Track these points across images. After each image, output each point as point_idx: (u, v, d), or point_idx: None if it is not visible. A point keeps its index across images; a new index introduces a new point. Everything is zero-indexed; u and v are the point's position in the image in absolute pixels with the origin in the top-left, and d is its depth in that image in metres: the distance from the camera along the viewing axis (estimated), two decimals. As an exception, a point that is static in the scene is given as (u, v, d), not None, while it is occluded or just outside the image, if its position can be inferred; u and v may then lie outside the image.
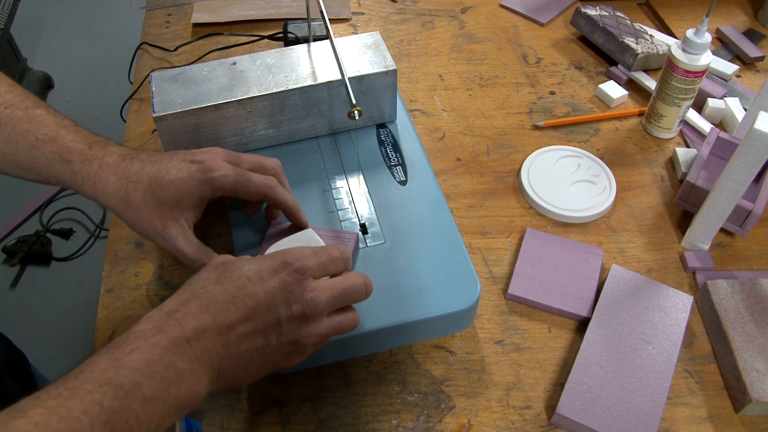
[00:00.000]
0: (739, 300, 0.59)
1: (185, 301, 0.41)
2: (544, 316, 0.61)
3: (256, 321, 0.42)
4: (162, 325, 0.39)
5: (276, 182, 0.55)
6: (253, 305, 0.42)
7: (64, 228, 1.69)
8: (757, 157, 0.56)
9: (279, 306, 0.42)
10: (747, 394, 0.53)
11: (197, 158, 0.52)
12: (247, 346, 0.42)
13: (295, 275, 0.43)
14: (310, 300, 0.43)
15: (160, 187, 0.50)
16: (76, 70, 2.15)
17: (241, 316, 0.41)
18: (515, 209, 0.71)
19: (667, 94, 0.74)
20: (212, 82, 0.62)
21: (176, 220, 0.51)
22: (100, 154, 0.52)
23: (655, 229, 0.69)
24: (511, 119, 0.81)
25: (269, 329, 0.42)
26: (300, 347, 0.44)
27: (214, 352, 0.40)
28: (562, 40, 0.93)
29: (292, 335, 0.43)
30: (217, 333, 0.40)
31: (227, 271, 0.43)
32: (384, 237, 0.58)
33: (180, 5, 0.98)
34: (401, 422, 0.54)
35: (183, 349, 0.39)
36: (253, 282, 0.42)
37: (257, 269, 0.43)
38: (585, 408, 0.53)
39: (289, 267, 0.44)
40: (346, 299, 0.46)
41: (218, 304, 0.41)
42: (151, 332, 0.38)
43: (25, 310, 1.54)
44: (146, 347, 0.37)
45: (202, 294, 0.41)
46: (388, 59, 0.65)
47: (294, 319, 0.43)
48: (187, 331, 0.39)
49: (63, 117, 0.54)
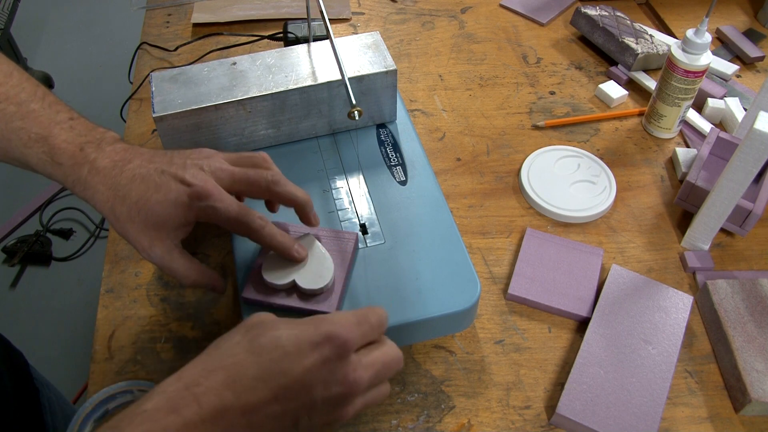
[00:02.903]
0: (739, 300, 0.59)
1: (209, 371, 0.36)
2: (544, 316, 0.61)
3: (288, 402, 0.37)
4: (176, 403, 0.34)
5: (280, 175, 0.51)
6: (286, 384, 0.37)
7: (64, 228, 1.69)
8: (757, 157, 0.56)
9: (317, 386, 0.37)
10: (747, 394, 0.53)
11: (188, 178, 0.48)
12: (272, 427, 0.37)
13: (339, 352, 0.38)
14: (353, 382, 0.38)
15: (146, 207, 0.47)
16: (76, 70, 2.15)
17: (272, 396, 0.36)
18: (515, 209, 0.71)
19: (667, 94, 0.75)
20: (212, 82, 0.62)
21: (162, 239, 0.48)
22: (92, 157, 0.49)
23: (655, 229, 0.69)
24: (511, 119, 0.81)
25: (301, 411, 0.37)
26: (330, 427, 0.39)
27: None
28: (562, 40, 0.93)
29: (326, 417, 0.38)
30: (240, 414, 0.35)
31: (261, 336, 0.38)
32: (384, 237, 0.58)
33: (180, 5, 0.98)
34: (401, 422, 0.54)
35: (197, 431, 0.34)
36: (291, 356, 0.37)
37: (297, 340, 0.38)
38: (585, 408, 0.53)
39: (333, 342, 0.38)
40: (383, 376, 0.41)
41: (246, 379, 0.36)
42: (163, 413, 0.34)
43: (25, 310, 1.54)
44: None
45: (230, 365, 0.36)
46: (388, 59, 0.65)
47: (331, 400, 0.38)
48: (205, 411, 0.34)
49: (59, 110, 0.51)
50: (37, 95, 0.51)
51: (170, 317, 0.60)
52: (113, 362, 0.58)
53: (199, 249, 0.65)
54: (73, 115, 0.52)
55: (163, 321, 0.60)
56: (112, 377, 0.57)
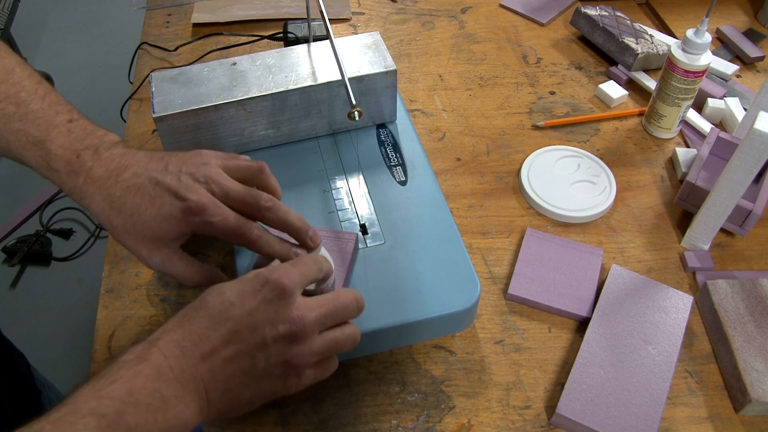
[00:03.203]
0: (739, 300, 0.59)
1: (169, 330, 0.41)
2: (544, 316, 0.61)
3: (240, 343, 0.41)
4: (145, 354, 0.39)
5: (275, 201, 0.50)
6: (235, 328, 0.41)
7: (64, 228, 1.69)
8: (757, 157, 0.56)
9: (264, 326, 0.41)
10: (747, 394, 0.53)
11: (182, 192, 0.47)
12: (233, 370, 0.41)
13: (279, 293, 0.42)
14: (297, 318, 0.42)
15: (141, 221, 0.48)
16: (76, 70, 2.15)
17: (224, 340, 0.40)
18: (515, 209, 0.71)
19: (667, 94, 0.75)
20: (212, 82, 0.62)
21: (159, 249, 0.49)
22: (89, 165, 0.48)
23: (655, 229, 0.69)
24: (511, 119, 0.81)
25: (255, 351, 0.41)
26: (293, 368, 0.43)
27: (200, 377, 0.39)
28: (562, 40, 0.93)
29: (282, 356, 0.42)
30: (200, 359, 0.40)
31: (210, 295, 0.42)
32: (384, 237, 0.58)
33: (180, 5, 0.98)
34: (401, 422, 0.54)
35: (167, 376, 0.38)
36: (235, 305, 0.41)
37: (239, 291, 0.42)
38: (585, 408, 0.53)
39: (271, 285, 0.42)
40: (338, 316, 0.45)
41: (200, 330, 0.40)
42: (134, 362, 0.38)
43: (25, 310, 1.54)
44: (128, 376, 0.37)
45: (185, 321, 0.41)
46: (388, 59, 0.65)
47: (281, 338, 0.42)
48: (170, 359, 0.39)
49: (59, 110, 0.50)
50: (37, 94, 0.51)
51: (170, 317, 0.60)
52: (113, 362, 0.58)
53: (199, 249, 0.65)
54: (72, 116, 0.51)
55: (163, 321, 0.60)
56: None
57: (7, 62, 0.52)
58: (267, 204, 0.49)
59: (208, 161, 0.50)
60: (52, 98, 0.51)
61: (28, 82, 0.51)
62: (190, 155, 0.51)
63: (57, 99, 0.52)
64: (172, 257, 0.50)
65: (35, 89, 0.51)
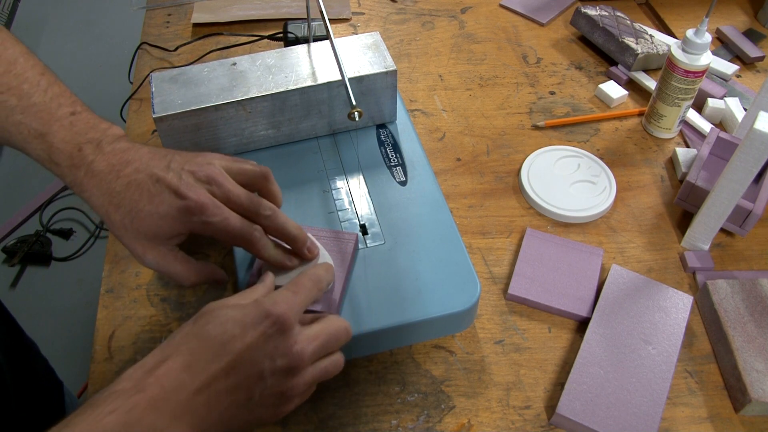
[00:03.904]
0: (739, 300, 0.59)
1: (166, 357, 0.40)
2: (544, 316, 0.61)
3: (238, 376, 0.41)
4: (141, 385, 0.38)
5: (275, 209, 0.50)
6: (234, 361, 0.40)
7: (64, 228, 1.69)
8: (757, 157, 0.56)
9: (263, 361, 0.41)
10: (747, 394, 0.53)
11: (182, 190, 0.47)
12: (228, 402, 0.40)
13: (279, 327, 0.42)
14: (296, 353, 0.42)
15: (138, 217, 0.47)
16: (76, 70, 2.15)
17: (223, 373, 0.40)
18: (515, 209, 0.71)
19: (667, 94, 0.75)
20: (212, 82, 0.62)
21: (154, 247, 0.48)
22: (90, 159, 0.48)
23: (655, 229, 0.69)
24: (511, 119, 0.81)
25: (252, 384, 0.41)
26: (286, 399, 0.43)
27: (194, 410, 0.39)
28: (562, 40, 0.93)
29: (277, 388, 0.42)
30: (196, 391, 0.39)
31: (209, 324, 0.42)
32: (384, 237, 0.58)
33: (180, 5, 0.98)
34: (401, 422, 0.54)
35: (162, 410, 0.38)
36: (236, 338, 0.41)
37: (241, 321, 0.42)
38: (585, 408, 0.53)
39: (271, 318, 0.42)
40: (330, 346, 0.45)
41: (200, 362, 0.40)
42: (130, 392, 0.38)
43: (25, 310, 1.54)
44: (125, 409, 0.37)
45: (185, 350, 0.41)
46: (388, 59, 0.65)
47: (279, 372, 0.42)
48: (167, 392, 0.39)
49: (62, 103, 0.50)
50: (40, 86, 0.50)
51: (170, 317, 0.61)
52: (113, 362, 0.58)
53: (199, 249, 0.65)
54: (75, 108, 0.50)
55: (163, 321, 0.60)
56: (112, 377, 0.56)
57: (11, 53, 0.51)
58: (267, 212, 0.50)
59: (212, 162, 0.50)
60: (55, 90, 0.51)
61: (31, 74, 0.51)
62: (194, 154, 0.50)
63: (60, 90, 0.51)
64: (168, 256, 0.49)
65: (38, 81, 0.50)
